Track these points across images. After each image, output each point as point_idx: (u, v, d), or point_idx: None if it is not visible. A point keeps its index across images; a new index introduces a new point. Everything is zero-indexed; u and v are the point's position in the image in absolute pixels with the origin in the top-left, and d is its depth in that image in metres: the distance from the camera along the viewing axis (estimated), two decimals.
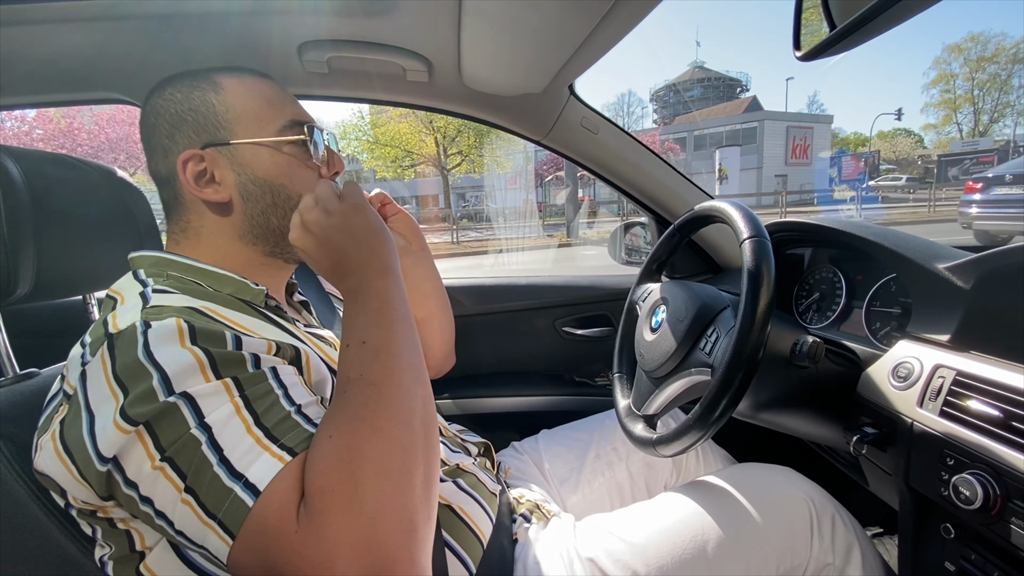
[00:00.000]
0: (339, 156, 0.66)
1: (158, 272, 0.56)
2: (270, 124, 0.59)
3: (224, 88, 0.59)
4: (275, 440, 0.42)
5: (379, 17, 0.78)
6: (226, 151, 0.58)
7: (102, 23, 0.76)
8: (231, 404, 0.43)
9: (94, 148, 14.56)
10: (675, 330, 0.77)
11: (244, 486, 0.39)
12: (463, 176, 26.02)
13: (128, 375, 0.42)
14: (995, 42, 45.99)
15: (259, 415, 0.43)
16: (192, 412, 0.41)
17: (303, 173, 0.61)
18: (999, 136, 40.95)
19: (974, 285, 0.63)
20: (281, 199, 0.60)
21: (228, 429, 0.41)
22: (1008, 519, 0.52)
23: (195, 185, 0.58)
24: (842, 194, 21.80)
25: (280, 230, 0.61)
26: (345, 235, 0.52)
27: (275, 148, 0.59)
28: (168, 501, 0.41)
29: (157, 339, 0.44)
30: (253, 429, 0.42)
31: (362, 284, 0.51)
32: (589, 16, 0.68)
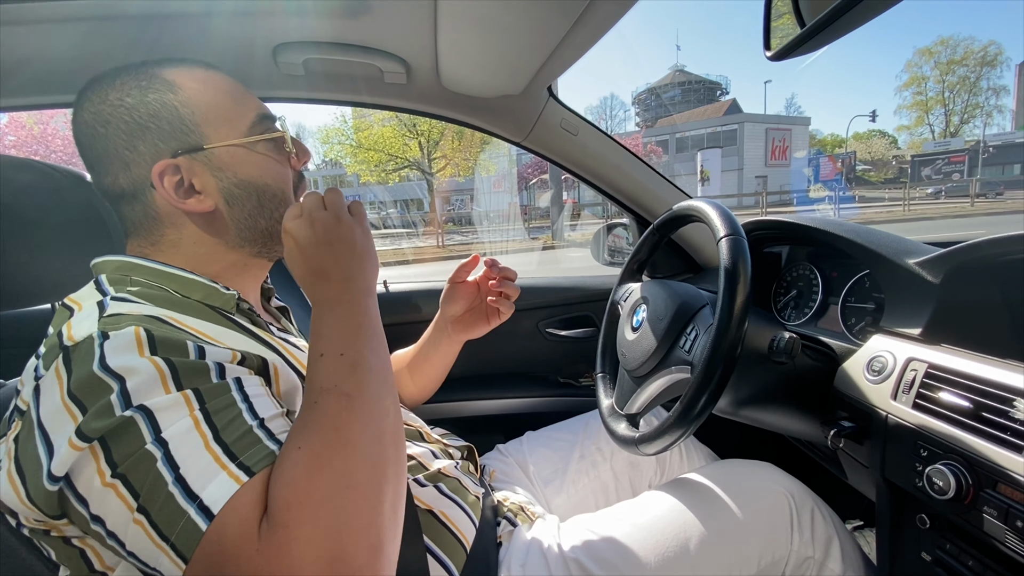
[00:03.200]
0: (304, 145, 0.64)
1: (121, 278, 0.53)
2: (239, 121, 0.56)
3: (180, 86, 0.54)
4: (234, 458, 0.40)
5: (354, 18, 0.77)
6: (201, 156, 0.54)
7: (76, 24, 0.74)
8: (190, 418, 0.41)
9: (69, 155, 14.20)
10: (655, 329, 0.77)
11: (198, 508, 0.37)
12: (448, 180, 25.98)
13: (85, 391, 0.40)
14: (964, 45, 47.50)
15: (219, 430, 0.41)
16: (149, 426, 0.39)
17: (281, 168, 0.60)
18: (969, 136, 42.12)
19: (943, 280, 0.65)
20: (267, 199, 0.58)
21: (185, 445, 0.39)
22: (980, 508, 0.53)
23: (176, 199, 0.54)
24: (817, 193, 22.27)
25: (268, 231, 0.59)
26: (327, 248, 0.51)
27: (250, 147, 0.57)
28: (120, 521, 0.39)
29: (115, 350, 0.41)
30: (212, 445, 0.40)
31: (343, 297, 0.50)
32: (564, 17, 0.68)
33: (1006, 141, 34.44)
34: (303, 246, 0.51)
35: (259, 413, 0.44)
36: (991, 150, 33.15)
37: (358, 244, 0.52)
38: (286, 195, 0.60)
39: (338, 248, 0.51)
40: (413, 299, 1.35)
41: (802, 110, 69.35)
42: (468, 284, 0.89)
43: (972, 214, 15.98)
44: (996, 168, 32.77)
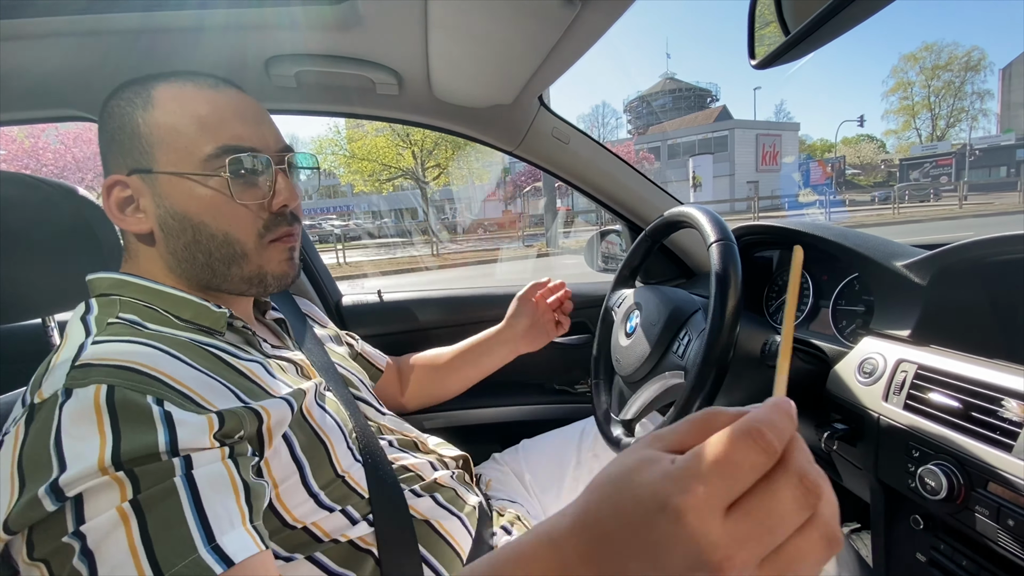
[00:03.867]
0: (291, 186, 0.58)
1: (111, 302, 0.52)
2: (197, 151, 0.53)
3: (155, 104, 0.53)
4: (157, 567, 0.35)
5: (346, 31, 0.78)
6: (149, 179, 0.53)
7: (65, 39, 0.75)
8: (116, 512, 0.37)
9: (60, 168, 14.16)
10: (648, 334, 0.77)
11: None
12: (442, 189, 26.05)
13: (31, 465, 0.38)
14: (948, 51, 48.34)
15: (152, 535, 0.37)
16: (74, 517, 0.36)
17: (229, 209, 0.54)
18: (956, 140, 42.74)
19: (930, 281, 0.66)
20: (203, 235, 0.54)
21: (107, 543, 0.36)
22: (972, 508, 0.53)
23: (117, 212, 0.54)
24: (807, 197, 22.53)
25: (208, 266, 0.56)
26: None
27: (198, 180, 0.53)
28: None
29: (72, 420, 0.39)
30: (136, 546, 0.36)
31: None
32: (552, 29, 0.69)
33: (992, 144, 34.99)
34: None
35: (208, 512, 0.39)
36: (977, 153, 33.65)
37: None
38: (230, 237, 0.55)
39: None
40: (410, 308, 1.35)
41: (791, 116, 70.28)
42: (535, 301, 0.97)
43: (961, 216, 16.18)
44: (983, 171, 33.24)
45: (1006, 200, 20.49)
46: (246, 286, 0.58)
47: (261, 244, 0.57)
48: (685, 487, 0.23)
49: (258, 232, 0.56)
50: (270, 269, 0.58)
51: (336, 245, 14.62)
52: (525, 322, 0.97)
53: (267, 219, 0.57)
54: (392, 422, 0.76)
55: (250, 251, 0.56)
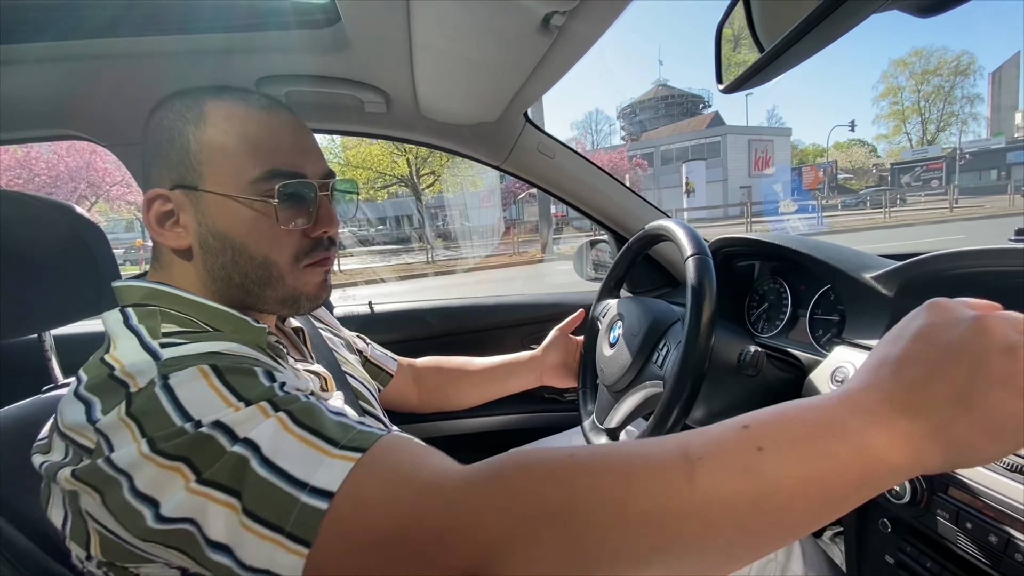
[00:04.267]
0: (332, 213, 0.58)
1: (149, 314, 0.50)
2: (245, 173, 0.52)
3: (207, 121, 0.52)
4: (335, 444, 0.39)
5: (334, 53, 0.81)
6: (193, 196, 0.53)
7: (61, 63, 0.77)
8: (277, 422, 0.40)
9: (52, 178, 14.10)
10: (630, 344, 0.80)
11: (311, 493, 0.36)
12: (436, 196, 26.10)
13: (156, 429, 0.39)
14: (937, 56, 48.94)
15: (313, 427, 0.40)
16: (227, 435, 0.38)
17: (272, 233, 0.54)
18: (946, 144, 43.21)
19: (896, 293, 0.68)
20: (242, 257, 0.54)
21: (278, 443, 0.38)
22: (935, 511, 0.56)
23: (156, 226, 0.54)
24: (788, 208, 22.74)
25: (242, 287, 0.55)
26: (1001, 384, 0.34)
27: (243, 201, 0.53)
28: (226, 530, 0.37)
29: (182, 387, 0.40)
30: (309, 438, 0.39)
31: (927, 435, 0.34)
32: (532, 51, 0.72)
33: (982, 148, 35.39)
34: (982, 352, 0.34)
35: (344, 412, 0.43)
36: (968, 157, 34.02)
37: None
38: (268, 260, 0.55)
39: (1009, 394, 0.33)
40: (401, 319, 1.37)
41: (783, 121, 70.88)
42: (573, 340, 1.00)
43: (951, 219, 16.35)
44: (973, 174, 33.61)
45: (996, 203, 20.73)
46: (279, 307, 0.58)
47: (297, 268, 0.57)
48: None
49: (295, 256, 0.56)
50: (304, 292, 0.58)
51: None
52: (557, 357, 0.99)
53: (305, 244, 0.57)
54: None
55: (286, 274, 0.56)
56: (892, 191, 25.45)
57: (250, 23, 0.77)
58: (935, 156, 36.54)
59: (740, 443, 0.35)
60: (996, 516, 0.50)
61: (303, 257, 0.57)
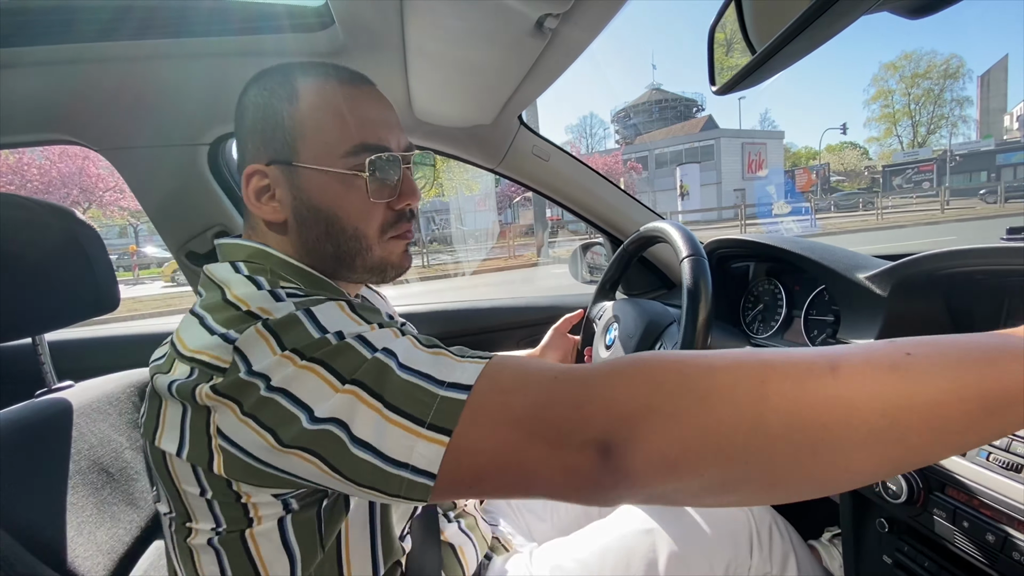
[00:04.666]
0: (414, 185, 0.60)
1: (260, 271, 0.52)
2: (336, 147, 0.54)
3: (299, 98, 0.54)
4: (463, 356, 0.42)
5: (328, 57, 0.81)
6: (288, 171, 0.55)
7: (56, 67, 0.76)
8: (408, 341, 0.43)
9: (44, 184, 14.01)
10: (626, 346, 0.80)
11: (449, 387, 0.38)
12: (432, 199, 26.10)
13: (298, 341, 0.41)
14: (927, 59, 49.47)
15: (434, 348, 0.43)
16: (367, 346, 0.41)
17: (363, 204, 0.56)
18: (936, 146, 43.65)
19: (890, 293, 0.69)
20: (335, 229, 0.56)
21: (412, 353, 0.41)
22: (931, 510, 0.56)
23: (255, 200, 0.56)
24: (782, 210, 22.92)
25: (336, 257, 0.57)
26: None
27: (335, 175, 0.54)
28: (367, 424, 0.38)
29: (322, 314, 0.43)
30: (436, 351, 0.42)
31: None
32: (526, 55, 0.72)
33: (972, 150, 35.75)
34: None
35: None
36: (958, 159, 34.35)
37: None
38: (359, 232, 0.57)
39: None
40: None
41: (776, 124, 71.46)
42: (570, 339, 0.99)
43: (943, 221, 16.49)
44: (963, 176, 33.94)
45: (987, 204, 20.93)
46: (368, 275, 0.61)
47: (383, 239, 0.59)
48: None
49: (382, 228, 0.58)
50: (391, 261, 0.60)
51: None
52: (554, 357, 0.99)
53: (390, 216, 0.59)
54: None
55: (374, 245, 0.58)
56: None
57: (244, 27, 0.77)
58: (926, 158, 36.89)
59: (887, 347, 0.34)
60: (993, 515, 0.50)
61: (388, 229, 0.59)
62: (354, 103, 0.55)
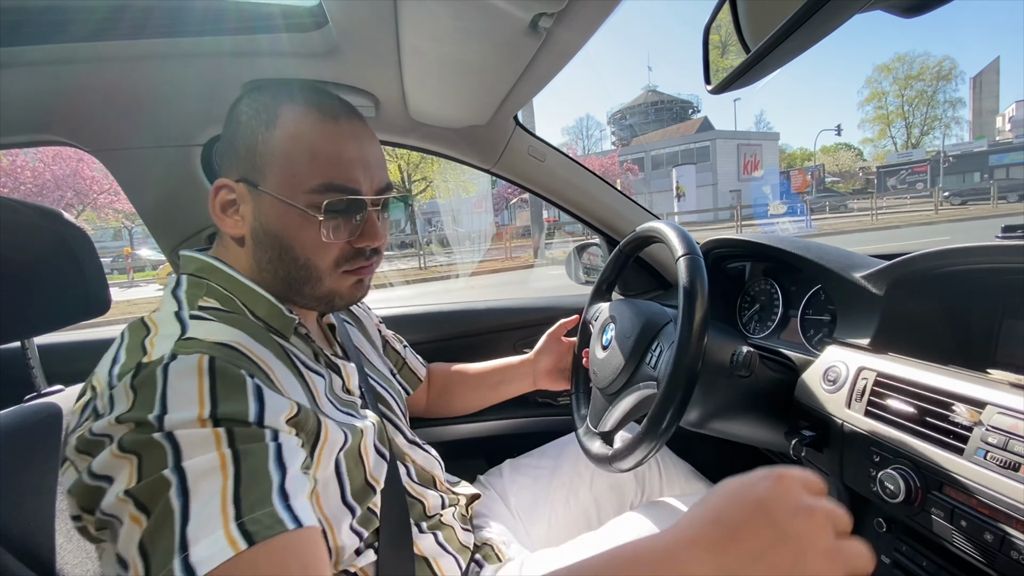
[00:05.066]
0: (377, 228, 0.60)
1: (198, 282, 0.57)
2: (302, 181, 0.55)
3: (278, 125, 0.55)
4: (239, 516, 0.39)
5: (322, 57, 0.80)
6: (254, 192, 0.56)
7: (48, 67, 0.75)
8: (216, 455, 0.41)
9: (38, 187, 13.93)
10: (623, 347, 0.79)
11: (183, 564, 0.36)
12: (429, 202, 26.08)
13: (139, 407, 0.42)
14: (920, 61, 49.82)
15: (242, 480, 0.40)
16: (173, 452, 0.40)
17: (317, 241, 0.57)
18: (930, 147, 43.90)
19: (886, 291, 0.69)
20: (288, 257, 0.57)
21: (203, 482, 0.39)
22: (929, 510, 0.56)
23: (220, 212, 0.58)
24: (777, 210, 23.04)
25: (285, 281, 0.59)
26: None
27: (299, 209, 0.55)
28: (127, 539, 0.38)
29: (176, 376, 0.43)
30: (228, 492, 0.39)
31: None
32: (521, 53, 0.72)
33: (964, 151, 35.99)
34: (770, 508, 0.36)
35: (287, 476, 0.43)
36: (951, 160, 34.57)
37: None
38: (310, 263, 0.58)
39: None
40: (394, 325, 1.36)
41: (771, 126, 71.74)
42: (564, 343, 1.00)
43: (936, 221, 16.58)
44: (956, 176, 34.15)
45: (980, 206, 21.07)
46: (315, 303, 0.62)
47: (336, 272, 0.59)
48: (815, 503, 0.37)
49: (336, 262, 0.59)
50: (340, 292, 0.61)
51: None
52: (549, 361, 0.99)
53: (348, 252, 0.59)
54: (416, 452, 0.77)
55: (324, 277, 0.59)
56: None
57: (238, 27, 0.76)
58: (920, 159, 37.13)
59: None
60: (991, 514, 0.50)
61: (343, 263, 0.60)
62: (330, 139, 0.56)
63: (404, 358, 0.97)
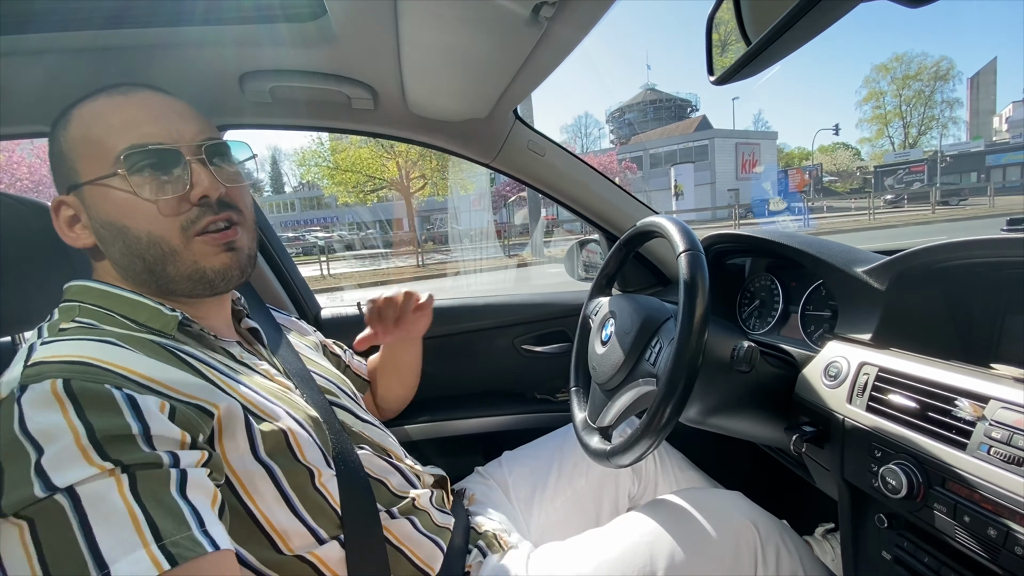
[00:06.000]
0: (210, 175, 0.56)
1: (70, 307, 0.54)
2: (107, 156, 0.53)
3: (71, 122, 0.55)
4: (159, 538, 0.38)
5: (320, 47, 0.79)
6: (79, 194, 0.55)
7: (41, 56, 0.74)
8: (117, 493, 0.39)
9: (35, 182, 13.83)
10: (622, 342, 0.79)
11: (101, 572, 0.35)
12: (426, 199, 26.04)
13: (5, 457, 0.38)
14: (917, 61, 49.85)
15: (147, 507, 0.39)
16: (71, 505, 0.37)
17: (144, 207, 0.54)
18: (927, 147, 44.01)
19: (888, 286, 0.68)
20: (131, 239, 0.54)
21: (107, 515, 0.37)
22: (931, 505, 0.55)
23: (67, 231, 0.57)
24: (778, 206, 23.09)
25: (148, 271, 0.56)
26: None
27: (112, 184, 0.53)
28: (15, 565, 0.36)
29: (33, 407, 0.40)
30: (138, 518, 0.38)
31: None
32: (521, 45, 0.71)
33: (962, 151, 36.06)
34: None
35: (188, 495, 0.42)
36: (948, 160, 34.65)
37: None
38: (153, 236, 0.54)
39: None
40: None
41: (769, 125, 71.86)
42: (378, 324, 0.90)
43: (933, 221, 16.62)
44: (954, 176, 34.21)
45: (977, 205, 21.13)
46: (191, 285, 0.57)
47: (186, 238, 0.56)
48: None
49: (181, 227, 0.55)
50: (207, 264, 0.57)
51: (320, 257, 14.47)
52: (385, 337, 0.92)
53: (190, 212, 0.56)
54: (372, 431, 0.75)
55: (177, 247, 0.55)
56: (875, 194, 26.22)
57: (235, 16, 0.75)
58: (917, 159, 37.19)
59: None
60: (994, 509, 0.49)
61: (190, 226, 0.56)
62: (121, 111, 0.55)
63: (347, 362, 0.96)
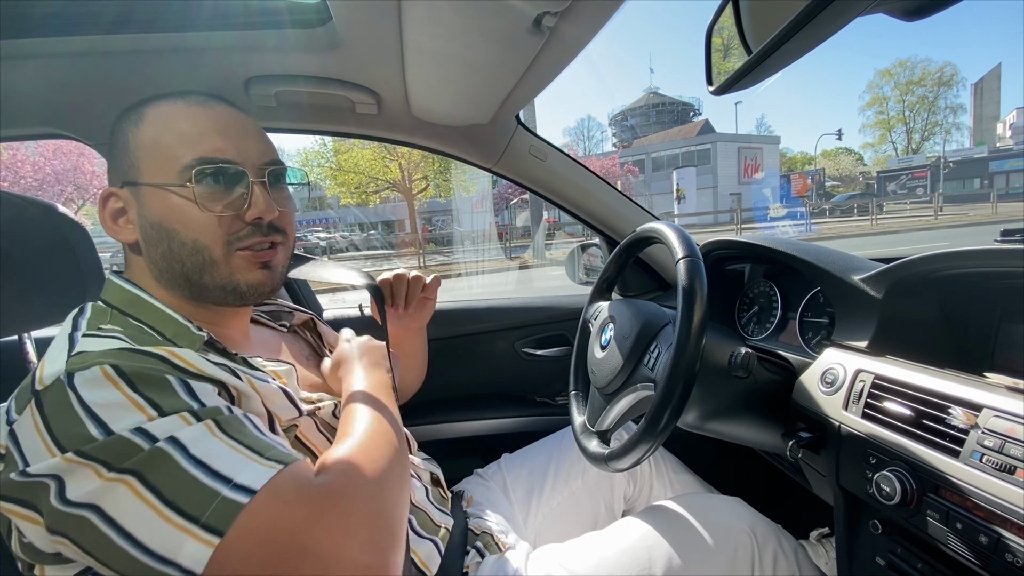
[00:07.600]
0: (267, 199, 0.58)
1: (101, 313, 0.54)
2: (175, 163, 0.55)
3: (144, 120, 0.57)
4: (260, 454, 0.43)
5: (324, 53, 0.80)
6: (135, 191, 0.57)
7: (48, 60, 0.75)
8: (203, 427, 0.42)
9: (39, 181, 13.90)
10: (621, 347, 0.79)
11: (234, 488, 0.39)
12: (428, 201, 26.08)
13: (64, 431, 0.40)
14: (921, 67, 49.79)
15: (235, 437, 0.43)
16: (143, 437, 0.40)
17: (198, 217, 0.56)
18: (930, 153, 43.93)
19: (885, 294, 0.69)
20: (176, 243, 0.56)
21: (205, 445, 0.41)
22: (924, 512, 0.56)
23: (111, 223, 0.58)
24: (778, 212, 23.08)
25: (184, 276, 0.57)
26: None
27: (175, 190, 0.55)
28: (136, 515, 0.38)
29: (88, 388, 0.41)
30: (233, 444, 0.42)
31: None
32: (524, 52, 0.72)
33: (965, 157, 35.99)
34: None
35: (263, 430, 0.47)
36: (951, 165, 34.57)
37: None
38: (198, 244, 0.56)
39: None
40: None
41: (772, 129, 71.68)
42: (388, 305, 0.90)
43: (936, 227, 16.59)
44: (957, 183, 34.18)
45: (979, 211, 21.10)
46: (222, 295, 0.59)
47: (228, 252, 0.58)
48: None
49: (227, 241, 0.57)
50: (241, 278, 0.59)
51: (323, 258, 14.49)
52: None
53: (239, 229, 0.58)
54: None
55: (218, 259, 0.57)
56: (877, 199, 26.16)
57: (241, 21, 0.76)
58: (920, 165, 37.11)
59: None
60: (986, 516, 0.50)
61: (236, 242, 0.58)
62: (195, 121, 0.57)
63: None
